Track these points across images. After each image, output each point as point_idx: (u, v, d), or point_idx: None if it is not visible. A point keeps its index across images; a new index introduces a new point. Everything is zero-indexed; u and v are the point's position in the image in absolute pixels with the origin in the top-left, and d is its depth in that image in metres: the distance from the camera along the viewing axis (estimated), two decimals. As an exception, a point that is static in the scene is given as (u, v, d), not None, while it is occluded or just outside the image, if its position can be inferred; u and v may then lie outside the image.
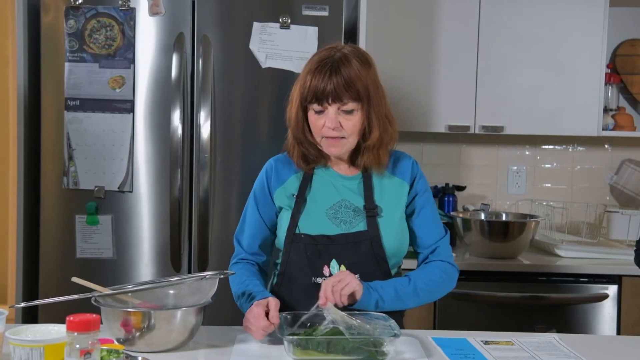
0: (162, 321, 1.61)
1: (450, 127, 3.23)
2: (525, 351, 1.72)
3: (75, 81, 2.64)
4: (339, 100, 1.80)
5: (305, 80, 1.84)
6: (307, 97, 1.83)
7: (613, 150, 3.66)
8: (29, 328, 1.47)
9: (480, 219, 3.17)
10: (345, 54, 1.84)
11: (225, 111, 2.67)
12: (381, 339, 1.61)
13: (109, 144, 2.65)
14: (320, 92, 1.80)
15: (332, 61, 1.82)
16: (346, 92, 1.80)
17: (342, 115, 1.82)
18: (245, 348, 1.69)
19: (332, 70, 1.80)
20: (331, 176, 1.95)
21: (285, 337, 1.62)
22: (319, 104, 1.82)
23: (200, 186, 2.65)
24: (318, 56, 1.86)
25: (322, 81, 1.80)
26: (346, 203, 1.91)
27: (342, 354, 1.59)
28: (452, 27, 3.20)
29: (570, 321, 2.91)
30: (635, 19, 3.59)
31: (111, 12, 2.63)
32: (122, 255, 2.68)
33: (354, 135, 1.85)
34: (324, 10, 2.67)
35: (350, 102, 1.81)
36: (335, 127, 1.82)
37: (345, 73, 1.80)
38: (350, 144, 1.87)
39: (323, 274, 1.88)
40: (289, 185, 1.95)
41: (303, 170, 1.95)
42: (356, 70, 1.81)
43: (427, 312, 2.90)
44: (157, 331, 1.60)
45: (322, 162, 1.95)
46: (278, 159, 2.00)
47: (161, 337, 1.62)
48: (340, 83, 1.79)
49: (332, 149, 1.87)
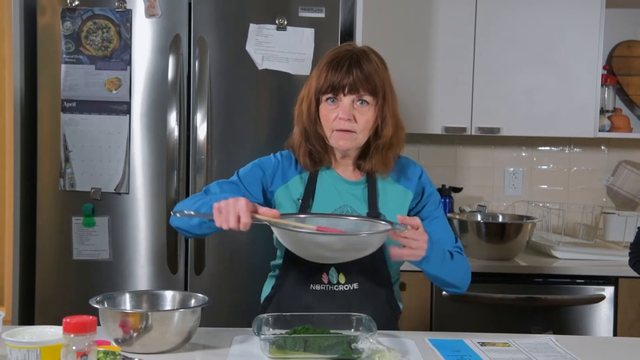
0: (159, 323, 1.61)
1: (446, 128, 3.23)
2: (521, 352, 1.72)
3: (71, 83, 2.63)
4: (356, 91, 1.81)
5: (321, 72, 1.84)
6: (322, 88, 1.83)
7: (609, 151, 3.66)
8: (26, 330, 1.47)
9: (476, 221, 3.17)
10: (365, 50, 1.86)
11: (222, 113, 2.67)
12: (356, 336, 1.61)
13: (105, 146, 2.65)
14: (337, 83, 1.80)
15: (352, 54, 1.83)
16: (364, 85, 1.80)
17: (357, 109, 1.82)
18: (242, 350, 1.69)
19: (352, 63, 1.81)
20: (335, 180, 1.93)
21: (261, 336, 1.62)
22: (335, 95, 1.82)
23: (196, 188, 2.65)
24: (335, 51, 1.87)
25: (340, 73, 1.80)
26: (347, 209, 1.90)
27: (318, 353, 1.59)
28: (448, 28, 3.20)
29: (567, 322, 2.91)
30: (631, 20, 3.60)
31: (107, 13, 2.63)
32: (119, 257, 2.68)
33: (365, 131, 1.84)
34: (321, 11, 2.67)
35: (366, 95, 1.82)
36: (349, 118, 1.81)
37: (365, 66, 1.81)
38: (359, 140, 1.86)
39: (322, 281, 1.87)
40: (291, 187, 1.93)
41: (308, 170, 1.93)
42: (375, 66, 1.83)
43: (424, 313, 2.90)
44: (154, 332, 1.60)
45: (327, 162, 1.93)
46: (284, 156, 1.98)
47: (158, 339, 1.62)
48: (359, 76, 1.80)
49: (341, 142, 1.84)
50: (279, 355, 1.59)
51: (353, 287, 1.88)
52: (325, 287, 1.88)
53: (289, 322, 1.72)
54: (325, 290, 1.87)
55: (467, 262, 1.95)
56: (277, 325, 1.73)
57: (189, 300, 1.78)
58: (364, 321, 1.72)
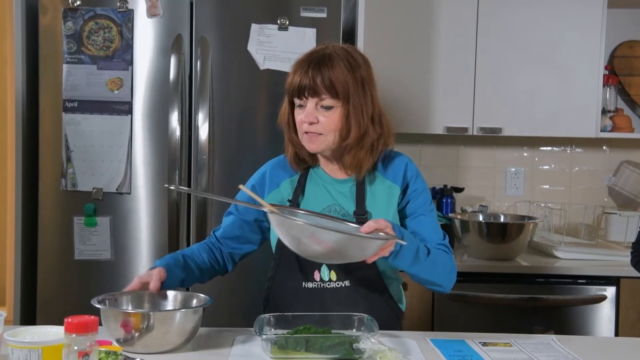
0: (160, 322, 1.61)
1: (448, 128, 3.23)
2: (523, 353, 1.72)
3: (73, 83, 2.64)
4: (317, 95, 1.80)
5: (289, 76, 1.86)
6: (289, 91, 1.85)
7: (611, 151, 3.66)
8: (27, 330, 1.47)
9: (478, 221, 3.17)
10: (330, 53, 1.83)
11: (224, 113, 2.67)
12: (358, 337, 1.61)
13: (107, 146, 2.65)
14: (299, 86, 1.81)
15: (315, 57, 1.82)
16: (323, 88, 1.79)
17: (321, 111, 1.82)
18: (243, 350, 1.69)
19: (312, 66, 1.80)
20: (323, 179, 1.94)
21: (262, 336, 1.62)
22: (299, 98, 1.83)
23: (198, 188, 2.65)
24: (305, 54, 1.87)
25: (301, 75, 1.81)
26: (336, 207, 1.90)
27: (319, 353, 1.59)
28: (450, 28, 3.20)
29: (569, 322, 2.91)
30: (633, 20, 3.60)
31: (109, 13, 2.64)
32: (120, 257, 2.68)
33: (332, 132, 1.83)
34: (322, 11, 2.67)
35: (328, 98, 1.80)
36: (312, 121, 1.81)
37: (325, 70, 1.80)
38: (328, 142, 1.84)
39: (314, 278, 1.88)
40: (283, 190, 1.95)
41: (296, 170, 1.95)
42: (337, 69, 1.80)
43: (425, 313, 2.90)
44: (155, 332, 1.60)
45: (312, 162, 1.94)
46: (274, 163, 2.01)
47: (160, 339, 1.62)
48: (317, 78, 1.79)
49: (310, 145, 1.85)
50: (281, 355, 1.59)
51: (345, 284, 1.88)
52: (317, 284, 1.88)
53: (290, 322, 1.72)
54: (318, 287, 1.88)
55: (452, 259, 1.91)
56: (279, 325, 1.73)
57: (190, 300, 1.78)
58: (366, 321, 1.72)
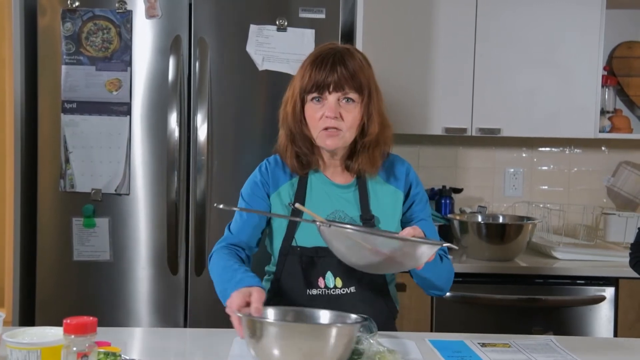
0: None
1: (447, 129, 3.23)
2: (522, 353, 1.72)
3: (72, 84, 2.64)
4: (341, 89, 1.79)
5: (305, 72, 1.82)
6: (306, 88, 1.81)
7: (610, 152, 3.66)
8: (26, 331, 1.47)
9: (477, 222, 3.17)
10: (348, 48, 1.85)
11: (222, 114, 2.67)
12: (357, 337, 1.60)
13: (105, 147, 2.65)
14: (322, 81, 1.79)
15: (336, 52, 1.82)
16: (349, 82, 1.79)
17: (343, 107, 1.81)
18: (242, 351, 1.69)
19: (336, 61, 1.79)
20: (325, 184, 1.91)
21: None
22: (320, 93, 1.81)
23: (197, 189, 2.65)
24: (319, 50, 1.86)
25: (325, 71, 1.79)
26: (340, 214, 1.88)
27: None
28: (448, 29, 3.20)
29: (567, 323, 2.91)
30: (632, 21, 3.60)
31: (108, 14, 2.64)
32: (119, 258, 2.68)
33: (352, 129, 1.82)
34: (321, 12, 2.67)
35: (352, 92, 1.80)
36: (336, 116, 1.80)
37: (350, 64, 1.80)
38: (346, 139, 1.83)
39: (318, 285, 1.86)
40: (282, 193, 1.91)
41: (297, 174, 1.91)
42: (359, 63, 1.82)
43: (424, 314, 2.90)
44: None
45: (315, 164, 1.90)
46: (271, 162, 1.96)
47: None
48: (344, 73, 1.78)
49: (328, 141, 1.82)
50: None
51: (350, 290, 1.87)
52: (322, 291, 1.86)
53: None
54: (322, 294, 1.86)
55: (452, 264, 1.93)
56: None
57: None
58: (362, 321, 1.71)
